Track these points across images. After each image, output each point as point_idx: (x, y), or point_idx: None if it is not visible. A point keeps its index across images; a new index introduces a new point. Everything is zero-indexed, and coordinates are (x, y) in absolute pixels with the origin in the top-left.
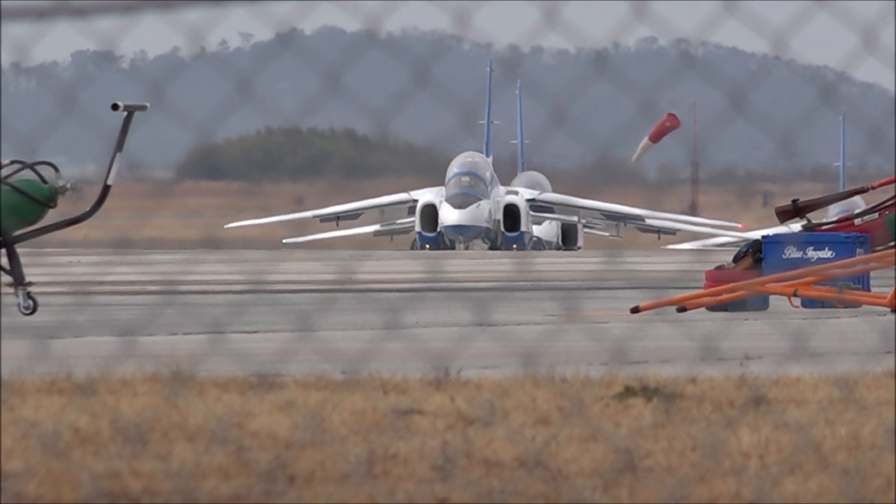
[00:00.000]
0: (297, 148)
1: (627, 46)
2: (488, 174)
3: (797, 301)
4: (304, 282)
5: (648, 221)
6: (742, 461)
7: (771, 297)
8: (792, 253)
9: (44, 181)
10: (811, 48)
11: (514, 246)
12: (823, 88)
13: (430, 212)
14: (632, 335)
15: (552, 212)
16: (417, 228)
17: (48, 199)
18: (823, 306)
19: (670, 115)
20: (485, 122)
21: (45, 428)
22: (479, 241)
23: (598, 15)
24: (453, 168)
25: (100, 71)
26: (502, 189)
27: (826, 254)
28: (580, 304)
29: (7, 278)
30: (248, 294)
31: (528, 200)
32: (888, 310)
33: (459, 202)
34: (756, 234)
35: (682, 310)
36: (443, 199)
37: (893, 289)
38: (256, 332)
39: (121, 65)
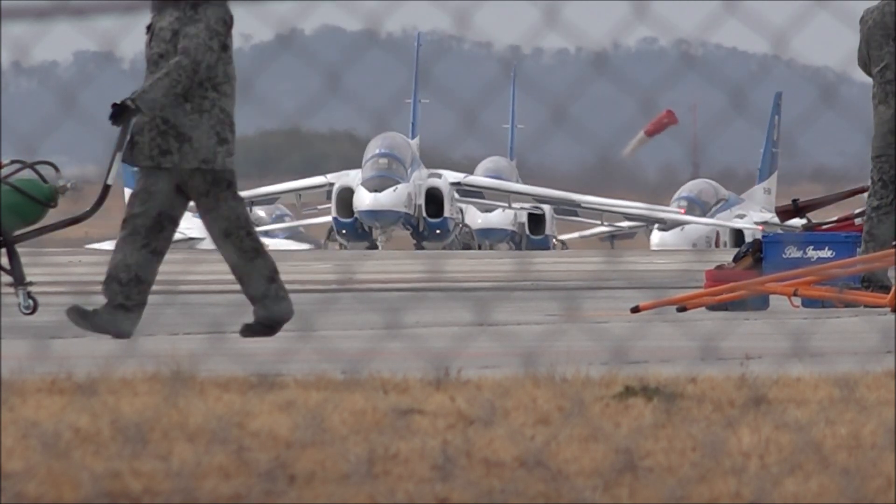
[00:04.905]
0: (297, 148)
1: (628, 46)
2: (409, 156)
3: (797, 301)
4: (304, 282)
5: (641, 212)
6: (742, 461)
7: (771, 297)
8: (792, 253)
9: (44, 181)
10: (811, 48)
11: (438, 232)
12: (823, 88)
13: (347, 196)
14: (632, 335)
15: (482, 196)
16: (333, 214)
17: (48, 199)
18: (824, 306)
19: (669, 111)
20: (411, 101)
21: (46, 428)
22: (399, 228)
23: (598, 15)
24: (370, 149)
25: (100, 71)
26: (425, 172)
27: (826, 254)
28: (580, 304)
29: (7, 278)
30: None
31: (454, 184)
32: (888, 310)
33: (375, 185)
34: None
35: (682, 310)
36: (359, 182)
37: (894, 289)
38: None
39: (121, 65)
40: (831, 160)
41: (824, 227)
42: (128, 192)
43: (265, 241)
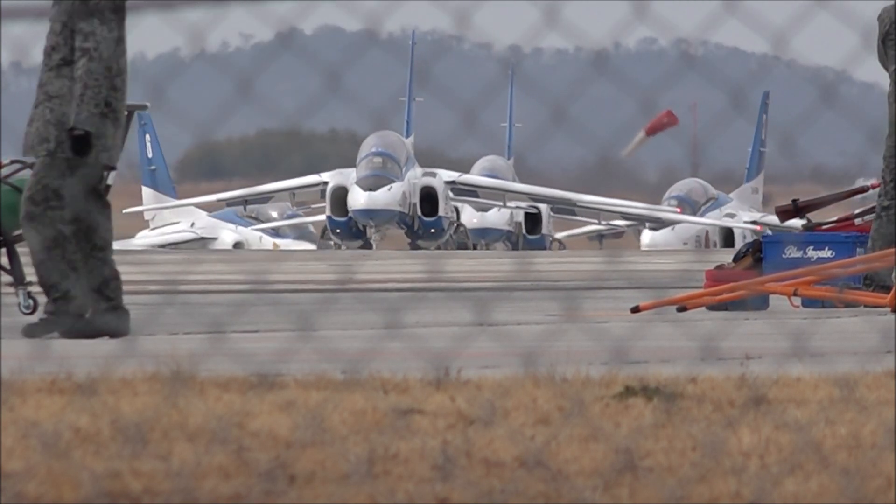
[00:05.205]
0: (297, 148)
1: (627, 46)
2: (404, 155)
3: (797, 301)
4: (304, 282)
5: (637, 212)
6: (742, 461)
7: (771, 297)
8: (792, 253)
9: None
10: (811, 48)
11: (433, 231)
12: (823, 88)
13: (341, 195)
14: (632, 335)
15: (476, 195)
16: (327, 213)
17: None
18: (824, 306)
19: (669, 111)
20: (406, 99)
21: (46, 428)
22: (393, 227)
23: (598, 15)
24: (365, 148)
25: None
26: (420, 170)
27: (826, 254)
28: (580, 304)
29: (7, 278)
30: (248, 294)
31: (448, 183)
32: (888, 310)
33: (370, 184)
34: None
35: (682, 310)
36: (354, 181)
37: (894, 289)
38: (256, 331)
39: None
40: (831, 160)
41: (824, 227)
42: (146, 191)
43: (277, 241)
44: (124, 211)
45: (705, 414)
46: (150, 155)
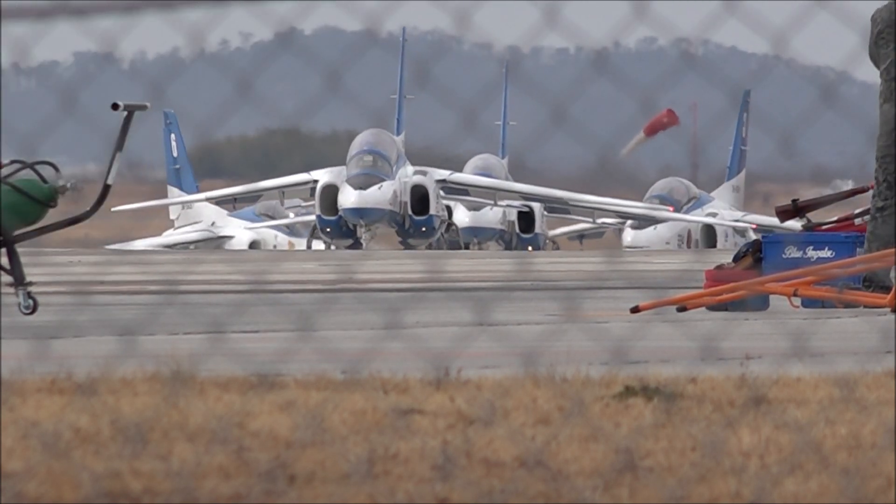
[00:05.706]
0: (297, 148)
1: (628, 46)
2: (394, 153)
3: (797, 301)
4: (304, 282)
5: (629, 210)
6: (742, 461)
7: (771, 297)
8: (792, 253)
9: (44, 181)
10: (811, 48)
11: (423, 230)
12: (823, 88)
13: (331, 193)
14: (632, 335)
15: (467, 194)
16: (317, 212)
17: (48, 199)
18: (824, 306)
19: (669, 111)
20: (396, 97)
21: (46, 428)
22: (384, 226)
23: (598, 15)
24: (355, 146)
25: (100, 71)
26: (410, 169)
27: (826, 254)
28: (580, 304)
29: (7, 278)
30: (248, 294)
31: (439, 181)
32: (888, 310)
33: (360, 183)
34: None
35: (682, 310)
36: (344, 179)
37: (893, 289)
38: (257, 332)
39: (121, 65)
40: (831, 160)
41: (824, 227)
42: (171, 190)
43: (293, 240)
44: (113, 209)
45: (705, 414)
46: (175, 154)
